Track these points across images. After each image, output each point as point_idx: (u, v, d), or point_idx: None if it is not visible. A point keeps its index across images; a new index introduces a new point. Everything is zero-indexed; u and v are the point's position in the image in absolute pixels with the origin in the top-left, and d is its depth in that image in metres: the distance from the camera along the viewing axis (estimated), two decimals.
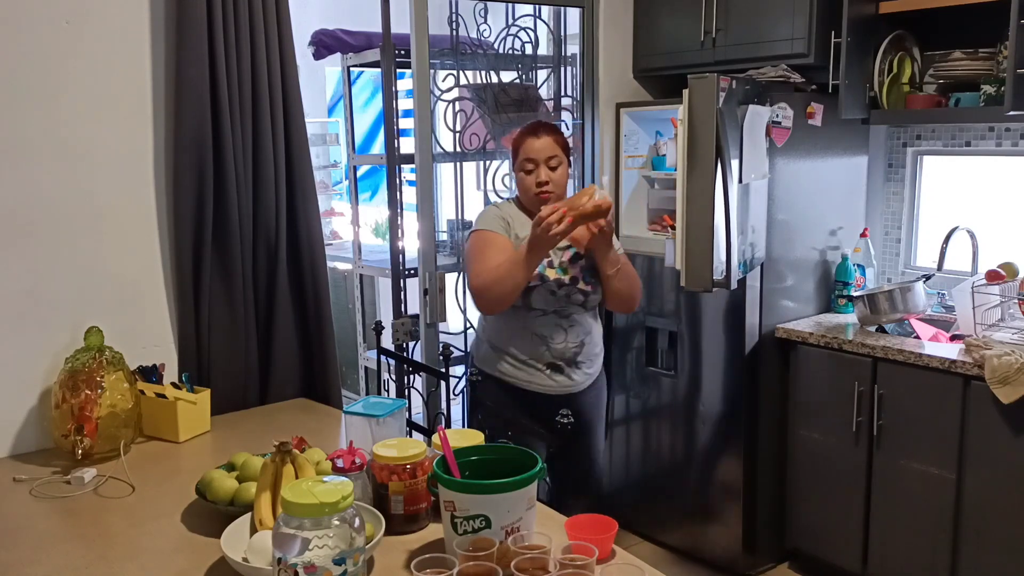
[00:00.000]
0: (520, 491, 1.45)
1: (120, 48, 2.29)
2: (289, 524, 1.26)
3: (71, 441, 2.05)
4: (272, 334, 2.57)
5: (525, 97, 3.37)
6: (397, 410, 1.96)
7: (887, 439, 2.87)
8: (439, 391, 3.07)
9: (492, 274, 2.32)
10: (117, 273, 2.35)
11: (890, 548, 2.91)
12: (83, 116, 2.25)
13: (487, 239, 2.42)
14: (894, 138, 3.42)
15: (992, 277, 2.92)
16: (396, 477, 1.64)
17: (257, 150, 2.47)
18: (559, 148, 2.41)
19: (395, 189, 3.09)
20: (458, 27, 3.14)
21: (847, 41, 2.94)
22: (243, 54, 2.39)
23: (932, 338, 2.96)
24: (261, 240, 2.52)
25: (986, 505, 2.65)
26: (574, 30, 3.48)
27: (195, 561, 1.56)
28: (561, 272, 2.42)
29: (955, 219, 3.14)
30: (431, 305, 3.09)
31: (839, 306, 3.30)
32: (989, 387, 2.54)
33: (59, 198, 2.24)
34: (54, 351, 2.22)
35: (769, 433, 3.19)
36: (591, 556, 1.35)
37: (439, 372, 2.93)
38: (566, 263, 2.44)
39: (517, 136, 2.45)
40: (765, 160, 2.99)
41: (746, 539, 3.22)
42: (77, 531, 1.73)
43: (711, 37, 3.29)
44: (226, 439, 2.26)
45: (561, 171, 2.43)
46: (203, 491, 1.75)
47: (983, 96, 2.82)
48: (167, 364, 2.38)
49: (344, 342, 3.67)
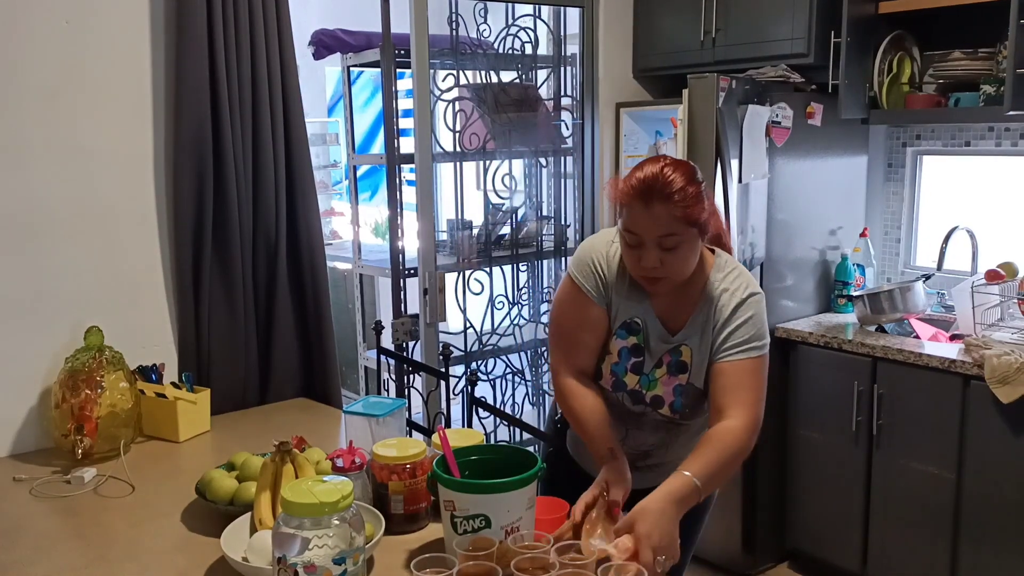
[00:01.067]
0: (520, 491, 1.46)
1: (120, 48, 2.29)
2: (289, 524, 1.26)
3: (71, 441, 2.05)
4: (272, 334, 2.57)
5: (525, 97, 3.37)
6: (397, 410, 1.96)
7: (887, 439, 2.87)
8: (439, 391, 3.07)
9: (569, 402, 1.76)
10: (117, 273, 2.34)
11: (890, 548, 2.91)
12: (83, 116, 2.25)
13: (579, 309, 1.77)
14: (894, 138, 3.42)
15: (992, 277, 2.92)
16: (396, 477, 1.64)
17: (257, 150, 2.47)
18: (679, 223, 1.59)
19: (395, 189, 3.09)
20: (458, 27, 3.14)
21: (847, 41, 2.94)
22: (243, 54, 2.39)
23: (932, 338, 2.96)
24: (261, 240, 2.52)
25: (986, 505, 2.65)
26: (574, 30, 3.48)
27: (195, 561, 1.56)
28: (645, 385, 1.77)
29: (955, 219, 3.14)
30: (431, 305, 3.09)
31: (839, 306, 3.30)
32: (989, 387, 2.54)
33: (59, 198, 2.24)
34: (54, 351, 2.22)
35: (769, 433, 3.17)
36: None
37: (439, 372, 2.92)
38: (661, 375, 1.75)
39: (623, 188, 1.63)
40: (765, 160, 2.99)
41: (746, 539, 3.22)
42: (77, 531, 1.73)
43: (711, 37, 3.29)
44: (226, 439, 2.26)
45: (685, 251, 1.62)
46: (203, 491, 1.75)
47: (983, 96, 2.82)
48: (167, 364, 2.38)
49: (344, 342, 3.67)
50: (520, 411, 3.53)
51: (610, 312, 1.77)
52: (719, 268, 1.73)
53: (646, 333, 1.75)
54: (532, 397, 3.62)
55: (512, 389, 3.50)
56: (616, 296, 1.76)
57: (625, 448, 1.77)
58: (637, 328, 1.75)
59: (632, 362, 1.76)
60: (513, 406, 3.49)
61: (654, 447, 1.84)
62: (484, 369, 3.40)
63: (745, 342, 1.67)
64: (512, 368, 3.49)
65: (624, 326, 1.76)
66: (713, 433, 1.62)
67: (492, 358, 3.43)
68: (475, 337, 3.34)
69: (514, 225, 3.42)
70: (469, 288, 3.30)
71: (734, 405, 1.63)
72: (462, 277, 3.28)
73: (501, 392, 3.46)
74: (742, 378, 1.66)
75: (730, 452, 1.59)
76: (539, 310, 3.64)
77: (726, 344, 1.67)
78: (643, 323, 1.75)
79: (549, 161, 3.55)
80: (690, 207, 1.58)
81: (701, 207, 1.61)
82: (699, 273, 1.71)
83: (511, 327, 3.43)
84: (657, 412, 1.79)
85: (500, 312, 3.42)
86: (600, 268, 1.76)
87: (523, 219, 3.48)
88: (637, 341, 1.76)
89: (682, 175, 1.60)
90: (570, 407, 1.75)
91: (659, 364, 1.76)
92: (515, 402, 3.51)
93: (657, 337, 1.75)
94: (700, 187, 1.62)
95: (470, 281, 3.31)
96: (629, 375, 1.77)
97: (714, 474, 1.56)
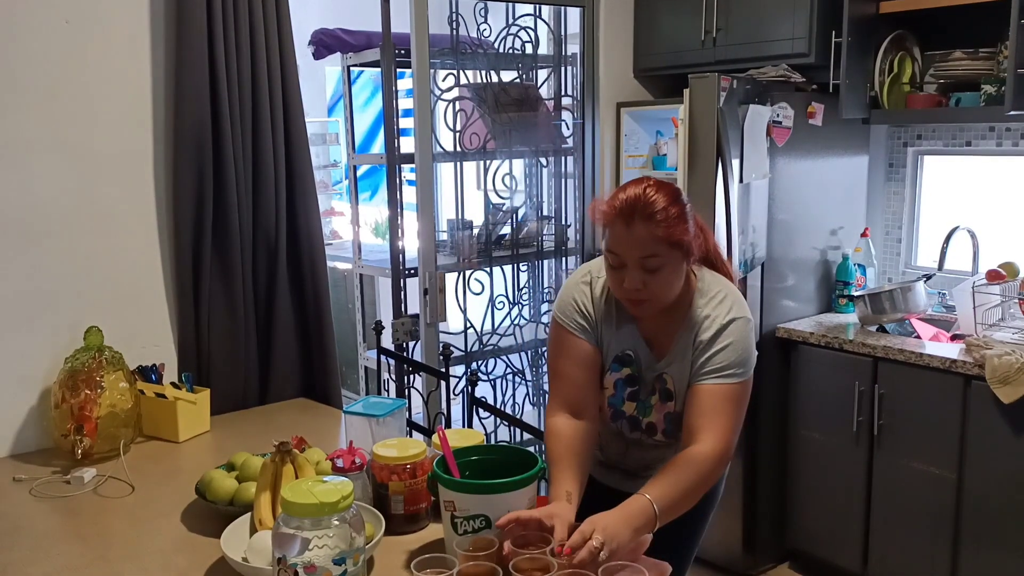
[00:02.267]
0: (520, 491, 1.46)
1: (120, 48, 2.29)
2: (289, 524, 1.26)
3: (71, 441, 2.05)
4: (272, 334, 2.57)
5: (525, 97, 3.37)
6: (397, 410, 1.96)
7: (888, 439, 2.86)
8: (439, 391, 3.07)
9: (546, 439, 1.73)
10: (117, 273, 2.34)
11: (890, 548, 2.91)
12: (83, 116, 2.25)
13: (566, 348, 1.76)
14: (895, 138, 3.42)
15: (992, 277, 2.92)
16: (396, 477, 1.64)
17: (257, 150, 2.47)
18: (661, 244, 1.57)
19: (395, 189, 3.08)
20: (458, 26, 3.14)
21: (848, 41, 2.93)
22: (243, 54, 2.39)
23: (933, 338, 2.96)
24: (261, 240, 2.52)
25: (986, 505, 2.65)
26: (574, 29, 3.48)
27: (195, 561, 1.56)
28: (642, 412, 1.79)
29: (956, 219, 3.14)
30: (431, 305, 3.09)
31: (840, 306, 3.30)
32: (990, 387, 2.54)
33: (59, 198, 2.23)
34: (54, 351, 2.21)
35: (769, 433, 3.19)
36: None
37: (439, 372, 2.92)
38: (655, 402, 1.77)
39: (605, 209, 1.62)
40: (766, 160, 2.99)
41: (746, 539, 3.22)
42: (77, 531, 1.73)
43: (711, 36, 3.29)
44: (226, 439, 2.26)
45: (667, 273, 1.61)
46: (203, 491, 1.75)
47: (983, 96, 2.81)
48: (167, 364, 2.38)
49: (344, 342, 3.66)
50: (520, 411, 3.53)
51: (602, 348, 1.76)
52: (702, 293, 1.72)
53: (638, 362, 1.75)
54: (532, 397, 3.62)
55: (512, 389, 3.50)
56: (607, 330, 1.76)
57: (626, 462, 1.84)
58: (630, 359, 1.76)
59: (628, 391, 1.78)
60: (513, 406, 3.49)
61: (654, 460, 1.83)
62: (484, 369, 3.40)
63: (725, 367, 1.64)
64: (512, 368, 3.49)
65: (616, 360, 1.76)
66: (680, 458, 1.60)
67: (492, 358, 3.43)
68: (475, 337, 3.34)
69: (514, 225, 3.42)
70: (469, 288, 3.30)
71: (706, 429, 1.61)
72: (462, 277, 3.28)
73: (501, 392, 3.46)
74: (717, 403, 1.63)
75: (696, 479, 1.57)
76: (539, 310, 3.64)
77: (705, 368, 1.66)
78: (635, 353, 1.75)
79: (549, 161, 3.55)
80: (672, 227, 1.57)
81: (684, 228, 1.59)
82: (684, 297, 1.70)
83: (511, 327, 3.43)
84: (652, 439, 1.80)
85: (500, 312, 3.42)
86: (584, 306, 1.75)
87: (523, 219, 3.47)
88: (631, 371, 1.76)
89: (664, 196, 1.58)
90: (546, 444, 1.72)
91: (652, 391, 1.76)
92: (515, 402, 3.51)
93: (646, 364, 1.75)
94: (683, 208, 1.61)
95: (470, 281, 3.30)
96: (627, 403, 1.78)
97: (675, 501, 1.53)
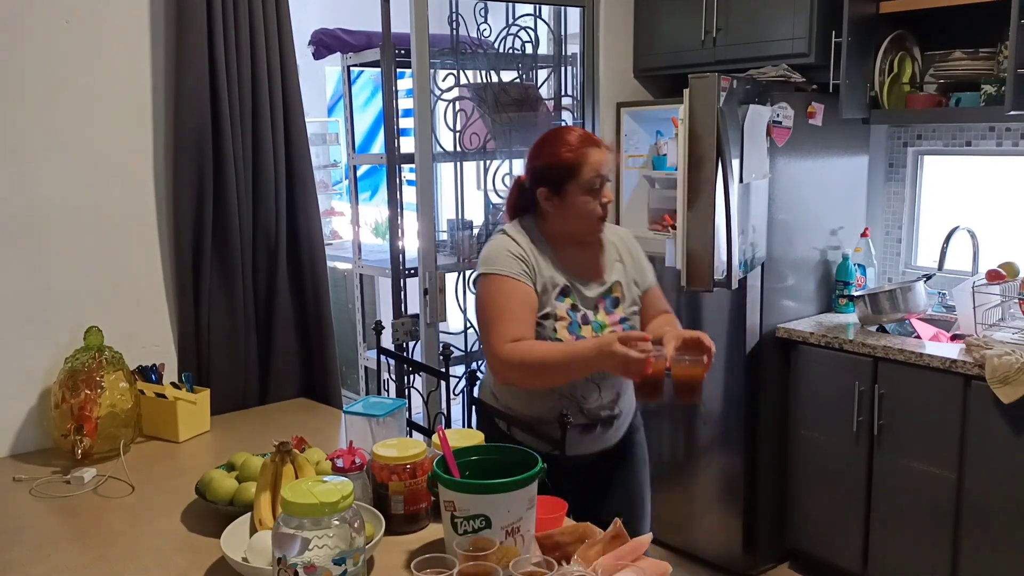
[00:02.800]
0: (520, 491, 1.45)
1: (120, 48, 2.29)
2: (289, 524, 1.25)
3: (71, 441, 2.05)
4: (272, 334, 2.57)
5: (525, 97, 3.37)
6: (397, 410, 1.96)
7: (888, 439, 2.86)
8: (439, 391, 3.07)
9: (527, 356, 1.90)
10: (117, 273, 2.34)
11: (890, 548, 2.91)
12: (83, 116, 2.25)
13: (508, 291, 1.95)
14: (895, 138, 3.42)
15: (992, 277, 2.92)
16: (396, 477, 1.63)
17: (257, 150, 2.47)
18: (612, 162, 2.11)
19: (395, 189, 3.08)
20: (458, 27, 3.14)
21: (847, 41, 2.94)
22: (243, 54, 2.39)
23: (933, 338, 2.96)
24: (261, 240, 2.52)
25: (986, 505, 2.65)
26: (574, 30, 3.48)
27: (195, 561, 1.56)
28: (598, 329, 2.01)
29: (956, 219, 3.14)
30: (431, 305, 3.09)
31: (840, 306, 3.30)
32: (990, 387, 2.54)
33: (59, 198, 2.23)
34: (54, 351, 2.21)
35: (770, 433, 3.19)
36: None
37: (439, 372, 2.92)
38: (603, 319, 2.04)
39: (572, 145, 1.96)
40: (766, 160, 2.99)
41: (746, 539, 3.22)
42: (77, 531, 1.73)
43: (711, 37, 3.29)
44: (226, 439, 2.26)
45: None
46: (203, 491, 1.75)
47: (983, 96, 2.81)
48: (167, 364, 2.38)
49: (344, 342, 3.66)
50: None
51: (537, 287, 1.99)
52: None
53: (576, 290, 2.03)
54: None
55: None
56: (539, 273, 2.00)
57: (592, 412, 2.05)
58: (568, 290, 2.02)
59: (580, 315, 2.02)
60: None
61: (613, 401, 2.08)
62: (484, 369, 3.39)
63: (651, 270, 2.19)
64: None
65: (560, 292, 2.01)
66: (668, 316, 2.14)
67: None
68: (475, 337, 3.34)
69: None
70: (469, 288, 3.30)
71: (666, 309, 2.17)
72: (462, 277, 3.28)
73: None
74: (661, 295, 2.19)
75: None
76: None
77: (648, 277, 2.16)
78: (571, 284, 2.03)
79: None
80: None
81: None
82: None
83: None
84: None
85: None
86: (520, 255, 1.99)
87: None
88: (572, 301, 2.02)
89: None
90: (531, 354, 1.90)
91: (597, 309, 2.05)
92: None
93: (583, 289, 2.04)
94: None
95: (470, 281, 3.30)
96: (583, 328, 2.01)
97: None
